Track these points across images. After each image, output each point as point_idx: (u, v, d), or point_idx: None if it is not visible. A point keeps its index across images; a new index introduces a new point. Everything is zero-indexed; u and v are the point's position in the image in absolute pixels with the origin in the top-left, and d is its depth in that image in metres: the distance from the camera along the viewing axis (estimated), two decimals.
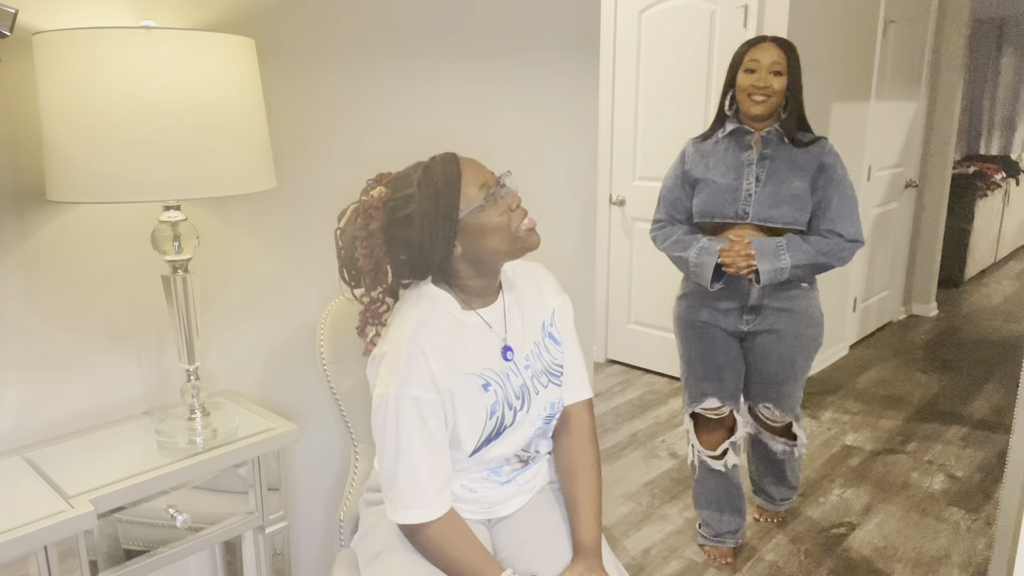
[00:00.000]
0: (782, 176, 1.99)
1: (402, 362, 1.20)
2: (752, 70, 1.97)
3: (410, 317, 1.25)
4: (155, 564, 1.25)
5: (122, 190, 1.11)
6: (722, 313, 2.11)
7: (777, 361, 2.11)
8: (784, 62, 1.96)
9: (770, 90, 1.96)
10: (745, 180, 2.01)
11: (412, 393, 1.19)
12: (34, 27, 1.22)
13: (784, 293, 2.06)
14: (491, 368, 1.29)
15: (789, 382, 2.13)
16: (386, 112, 1.75)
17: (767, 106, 1.97)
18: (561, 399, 1.40)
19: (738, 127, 2.04)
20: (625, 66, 3.73)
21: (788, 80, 1.98)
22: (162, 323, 1.46)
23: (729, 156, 2.04)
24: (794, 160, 2.00)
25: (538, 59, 2.08)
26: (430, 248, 1.20)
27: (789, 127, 2.01)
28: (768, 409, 2.20)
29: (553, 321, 1.41)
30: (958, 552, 2.38)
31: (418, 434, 1.20)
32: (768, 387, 2.16)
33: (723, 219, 2.03)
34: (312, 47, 1.60)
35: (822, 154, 2.00)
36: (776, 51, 1.97)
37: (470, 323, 1.29)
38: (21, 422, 1.31)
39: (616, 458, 3.03)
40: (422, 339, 1.22)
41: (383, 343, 1.26)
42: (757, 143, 2.04)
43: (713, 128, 2.10)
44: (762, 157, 2.02)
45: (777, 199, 1.98)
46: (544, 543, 1.32)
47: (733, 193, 2.01)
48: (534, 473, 1.43)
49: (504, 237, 1.23)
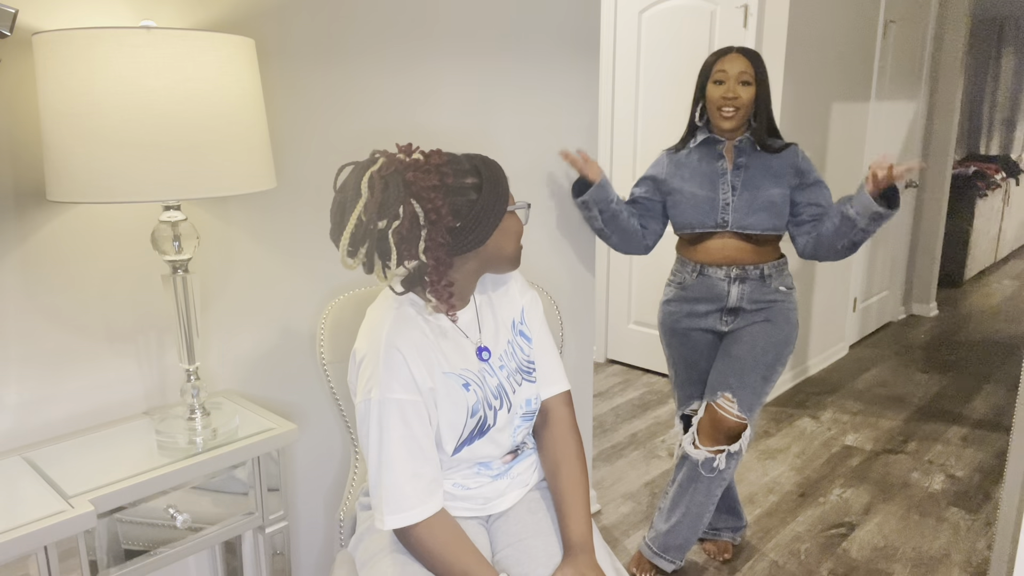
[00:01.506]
0: (757, 183, 2.02)
1: (380, 366, 1.20)
2: (720, 81, 1.99)
3: (385, 319, 1.25)
4: (155, 564, 1.25)
5: (122, 190, 1.11)
6: (702, 316, 2.13)
7: (749, 345, 2.06)
8: (751, 72, 1.98)
9: (739, 101, 1.97)
10: (721, 190, 2.03)
11: (394, 396, 1.20)
12: (34, 27, 1.22)
13: (763, 297, 2.08)
14: (468, 369, 1.30)
15: (755, 371, 2.04)
16: (386, 112, 1.75)
17: (737, 119, 1.99)
18: (538, 395, 1.41)
19: (709, 136, 2.07)
20: (625, 66, 3.73)
21: (756, 89, 1.99)
22: (162, 323, 1.46)
23: (703, 166, 2.07)
24: (768, 167, 2.03)
25: (538, 59, 2.08)
26: (484, 224, 1.20)
27: (760, 135, 2.03)
28: (727, 400, 2.04)
29: (523, 319, 1.42)
30: (958, 552, 2.38)
31: (400, 438, 1.20)
32: (731, 373, 2.05)
33: (703, 229, 2.06)
34: (312, 47, 1.60)
35: (796, 160, 2.03)
36: (743, 61, 1.98)
37: (444, 326, 1.30)
38: (21, 422, 1.31)
39: (616, 458, 3.03)
40: (399, 340, 1.22)
41: (359, 346, 1.26)
42: (730, 152, 2.06)
43: (685, 139, 2.13)
44: (736, 166, 2.04)
45: (753, 207, 2.01)
46: (539, 542, 1.32)
47: (711, 204, 2.04)
48: (527, 466, 1.43)
49: (516, 245, 1.30)
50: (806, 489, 2.77)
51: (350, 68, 1.67)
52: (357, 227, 1.14)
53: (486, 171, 1.22)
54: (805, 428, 3.31)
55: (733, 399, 2.04)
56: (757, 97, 2.00)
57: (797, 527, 2.52)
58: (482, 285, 1.39)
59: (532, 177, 2.15)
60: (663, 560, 2.20)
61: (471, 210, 1.19)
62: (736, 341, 2.09)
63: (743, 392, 2.04)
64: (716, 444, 2.06)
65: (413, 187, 1.14)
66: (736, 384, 2.05)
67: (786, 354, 2.09)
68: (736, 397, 2.04)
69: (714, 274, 2.08)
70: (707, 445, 2.07)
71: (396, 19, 1.73)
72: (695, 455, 2.08)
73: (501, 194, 1.22)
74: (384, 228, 1.15)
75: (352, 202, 1.14)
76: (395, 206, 1.13)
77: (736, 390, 2.05)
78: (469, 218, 1.19)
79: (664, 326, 2.21)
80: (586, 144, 2.29)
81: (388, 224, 1.14)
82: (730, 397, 2.05)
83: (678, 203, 2.09)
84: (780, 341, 2.07)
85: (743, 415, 2.04)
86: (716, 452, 2.06)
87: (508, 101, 2.03)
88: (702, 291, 2.11)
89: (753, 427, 2.08)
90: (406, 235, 1.15)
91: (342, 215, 1.16)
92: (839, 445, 3.14)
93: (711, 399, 2.08)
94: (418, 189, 1.14)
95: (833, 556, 2.36)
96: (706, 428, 2.07)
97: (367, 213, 1.13)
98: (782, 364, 2.09)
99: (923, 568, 2.30)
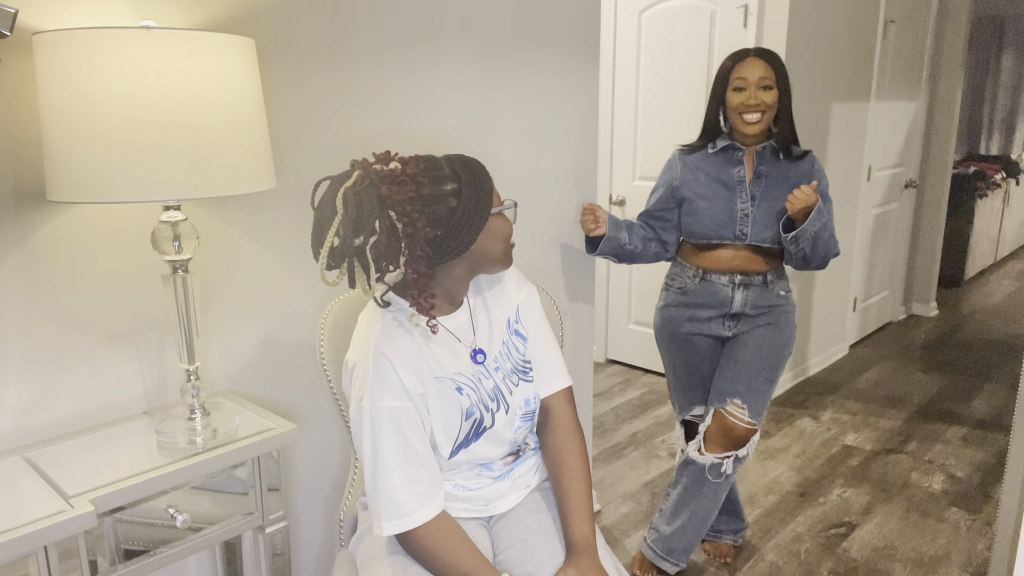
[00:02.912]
0: (776, 194, 1.97)
1: (370, 374, 1.20)
2: (740, 88, 1.92)
3: (373, 327, 1.25)
4: (155, 564, 1.25)
5: (122, 190, 1.11)
6: (704, 321, 2.09)
7: (755, 349, 2.04)
8: (772, 75, 1.91)
9: (763, 106, 1.91)
10: (739, 199, 1.98)
11: (385, 404, 1.20)
12: (34, 27, 1.22)
13: (766, 302, 2.05)
14: (461, 372, 1.29)
15: (762, 375, 2.03)
16: (387, 112, 1.75)
17: (761, 125, 1.93)
18: (537, 394, 1.39)
19: (729, 144, 2.01)
20: (625, 66, 3.73)
21: (779, 92, 1.93)
22: (162, 323, 1.46)
23: (720, 173, 2.01)
24: (787, 177, 1.98)
25: (538, 59, 2.08)
26: (465, 231, 1.19)
27: (783, 142, 1.98)
28: (737, 406, 2.02)
29: (518, 317, 1.40)
30: (958, 552, 2.38)
31: (394, 445, 1.20)
32: (740, 378, 2.02)
33: (720, 240, 2.01)
34: (312, 47, 1.60)
35: (812, 171, 2.00)
36: (762, 66, 1.91)
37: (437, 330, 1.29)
38: (21, 422, 1.31)
39: (616, 458, 3.03)
40: (386, 348, 1.21)
41: (350, 355, 1.26)
42: (750, 159, 2.01)
43: (702, 141, 2.05)
44: (757, 175, 1.99)
45: (771, 219, 1.97)
46: (542, 543, 1.32)
47: (728, 214, 1.98)
48: (528, 468, 1.43)
49: (506, 246, 1.28)
50: (806, 489, 2.77)
51: (350, 68, 1.67)
52: (334, 244, 1.13)
53: (465, 175, 1.20)
54: (805, 428, 3.31)
55: (743, 405, 2.01)
56: (780, 100, 1.93)
57: (797, 527, 2.52)
58: (476, 286, 1.38)
59: (532, 177, 2.15)
60: (667, 563, 2.18)
61: (451, 217, 1.18)
62: (741, 346, 2.06)
63: (752, 398, 2.01)
64: (724, 450, 2.03)
65: (388, 200, 1.13)
66: (744, 390, 2.01)
67: (787, 356, 2.08)
68: (746, 403, 2.01)
69: (717, 280, 2.04)
70: (714, 452, 2.04)
71: (396, 19, 1.73)
72: (702, 461, 2.05)
73: (482, 197, 1.20)
74: (361, 244, 1.15)
75: (328, 220, 1.14)
76: (370, 221, 1.13)
77: (745, 396, 2.01)
78: (450, 225, 1.18)
79: (663, 331, 2.17)
80: (586, 143, 2.29)
81: (365, 240, 1.14)
82: (740, 404, 2.01)
83: (694, 211, 2.03)
84: (782, 344, 2.06)
85: (753, 421, 2.01)
86: (723, 458, 2.04)
87: (508, 101, 2.03)
88: (705, 296, 2.07)
89: (760, 431, 2.06)
90: (384, 250, 1.15)
91: (320, 232, 1.16)
92: (839, 445, 3.14)
93: (720, 406, 2.03)
94: (393, 203, 1.13)
95: (833, 556, 2.36)
96: (715, 435, 2.03)
97: (343, 230, 1.12)
98: (783, 366, 2.09)
99: (923, 568, 2.30)
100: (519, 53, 2.03)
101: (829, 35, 3.53)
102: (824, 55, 3.52)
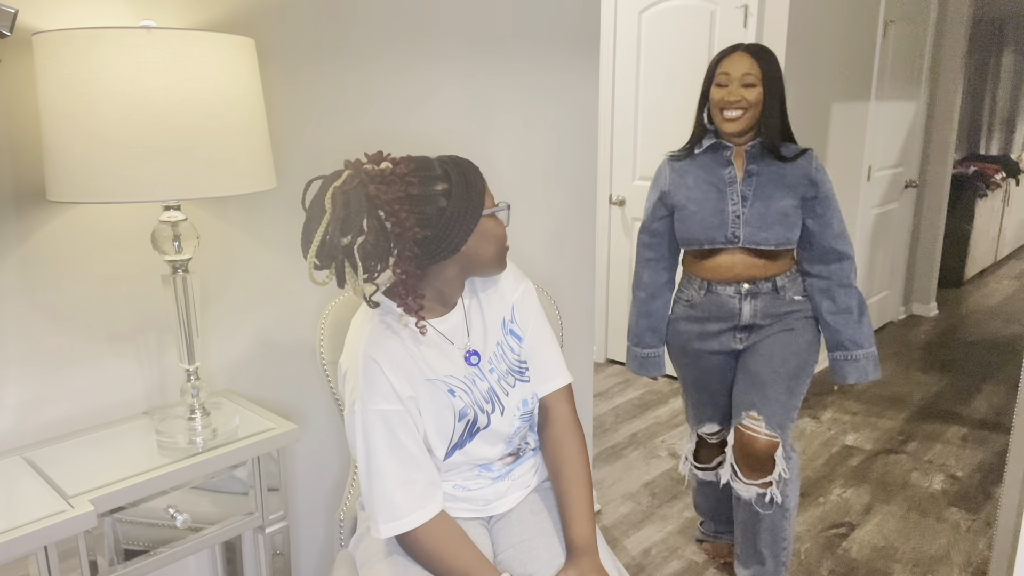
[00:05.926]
0: (769, 193, 1.87)
1: (360, 378, 1.20)
2: (723, 84, 1.84)
3: (363, 331, 1.24)
4: (155, 564, 1.25)
5: (122, 190, 1.11)
6: (714, 336, 1.99)
7: (766, 357, 1.91)
8: (757, 72, 1.81)
9: (743, 103, 1.82)
10: (730, 200, 1.88)
11: (376, 407, 1.20)
12: (34, 27, 1.22)
13: (779, 310, 1.95)
14: (454, 375, 1.29)
15: (779, 383, 1.89)
16: (386, 112, 1.75)
17: (741, 123, 1.84)
18: (534, 394, 1.38)
19: (716, 142, 1.92)
20: (625, 66, 3.73)
21: (764, 90, 1.83)
22: (162, 323, 1.46)
23: (709, 174, 1.91)
24: (781, 176, 1.88)
25: (538, 59, 2.08)
26: (455, 232, 1.18)
27: (772, 140, 1.87)
28: (753, 419, 1.88)
29: (513, 317, 1.38)
30: (958, 552, 2.38)
31: (388, 448, 1.20)
32: (753, 389, 1.90)
33: (712, 245, 1.91)
34: (312, 47, 1.60)
35: (811, 169, 1.88)
36: (748, 61, 1.82)
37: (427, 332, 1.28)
38: (21, 422, 1.31)
39: (616, 458, 3.03)
40: (375, 352, 1.21)
41: (343, 359, 1.27)
42: (739, 158, 1.91)
43: (691, 144, 1.96)
44: (748, 174, 1.89)
45: (766, 220, 1.86)
46: (542, 543, 1.32)
47: (720, 216, 1.88)
48: (528, 468, 1.42)
49: (499, 248, 1.28)
50: (806, 489, 2.77)
51: (350, 68, 1.67)
52: (322, 244, 1.13)
53: (456, 175, 1.19)
54: (805, 428, 3.31)
55: (759, 416, 1.87)
56: (766, 98, 1.84)
57: (797, 527, 2.52)
58: (471, 286, 1.37)
59: (533, 177, 2.15)
60: None
61: (440, 218, 1.17)
62: (753, 355, 1.94)
63: (767, 407, 1.87)
64: (753, 471, 1.90)
65: (377, 200, 1.13)
66: (759, 400, 1.88)
67: (810, 363, 1.94)
68: (761, 414, 1.87)
69: (723, 291, 1.94)
70: (749, 477, 1.91)
71: (397, 19, 1.73)
72: (745, 494, 1.93)
73: (473, 198, 1.20)
74: (349, 244, 1.14)
75: (317, 219, 1.13)
76: (358, 221, 1.13)
77: (760, 407, 1.88)
78: (439, 226, 1.17)
79: (674, 346, 2.08)
80: (586, 144, 2.29)
81: (353, 240, 1.14)
82: (755, 415, 1.88)
83: (684, 218, 1.93)
84: (801, 349, 1.92)
85: (773, 432, 1.86)
86: (764, 486, 1.90)
87: (508, 101, 2.03)
88: (712, 309, 1.97)
89: (788, 446, 1.91)
90: (372, 250, 1.14)
91: (309, 231, 1.15)
92: (839, 445, 3.14)
93: (736, 422, 1.92)
94: (382, 202, 1.13)
95: (833, 556, 2.36)
96: (739, 455, 1.91)
97: (331, 229, 1.12)
98: (807, 373, 1.93)
99: (923, 568, 2.30)
100: (519, 53, 2.03)
101: (829, 35, 3.53)
102: (824, 55, 3.52)
